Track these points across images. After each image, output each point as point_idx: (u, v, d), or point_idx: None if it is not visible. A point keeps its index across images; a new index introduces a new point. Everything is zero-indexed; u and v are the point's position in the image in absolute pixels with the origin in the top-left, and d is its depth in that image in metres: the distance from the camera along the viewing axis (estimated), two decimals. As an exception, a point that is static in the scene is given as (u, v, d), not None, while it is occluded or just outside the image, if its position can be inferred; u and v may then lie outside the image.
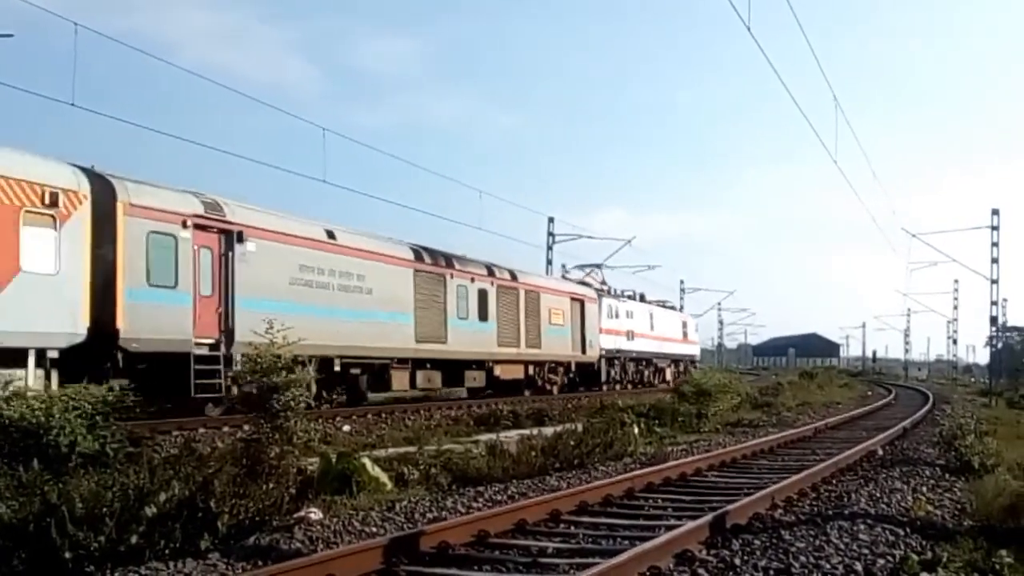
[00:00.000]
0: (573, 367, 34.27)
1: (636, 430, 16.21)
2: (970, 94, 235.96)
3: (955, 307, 75.54)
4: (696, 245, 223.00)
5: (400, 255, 23.55)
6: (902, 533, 7.73)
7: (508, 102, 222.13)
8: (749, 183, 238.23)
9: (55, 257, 14.22)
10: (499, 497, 9.74)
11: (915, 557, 6.60)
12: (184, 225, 16.57)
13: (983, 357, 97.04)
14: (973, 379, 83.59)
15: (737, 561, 6.54)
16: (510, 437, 14.20)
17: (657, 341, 44.89)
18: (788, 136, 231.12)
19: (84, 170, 15.15)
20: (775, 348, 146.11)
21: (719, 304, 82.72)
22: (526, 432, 14.96)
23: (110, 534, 6.43)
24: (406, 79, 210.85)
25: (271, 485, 8.09)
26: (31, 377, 13.54)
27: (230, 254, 17.55)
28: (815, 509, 9.02)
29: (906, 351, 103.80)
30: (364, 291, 21.59)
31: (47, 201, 14.10)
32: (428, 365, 24.42)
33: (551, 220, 45.69)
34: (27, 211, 13.87)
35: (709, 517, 7.75)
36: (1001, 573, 6.25)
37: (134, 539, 6.51)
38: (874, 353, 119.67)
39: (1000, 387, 46.70)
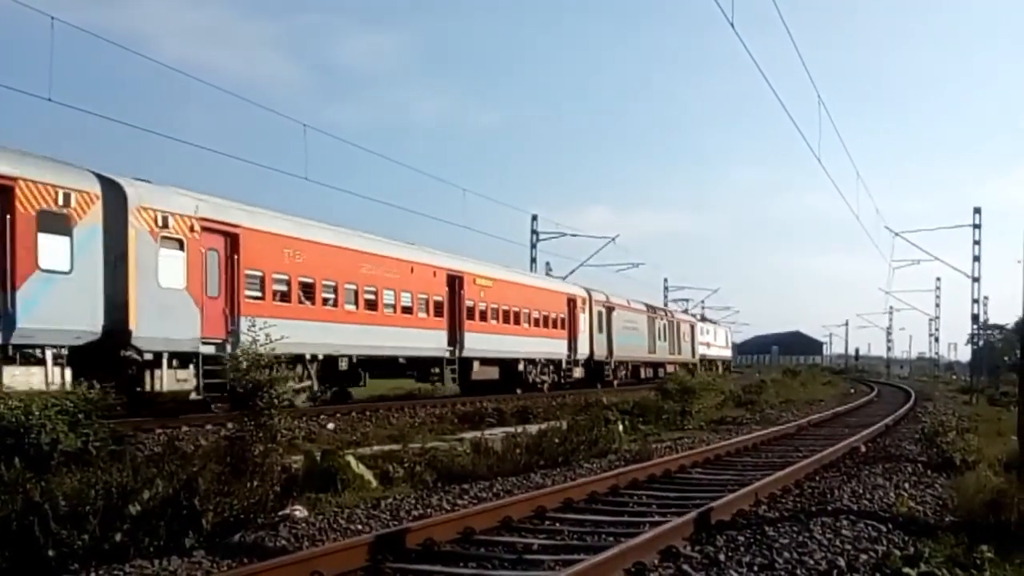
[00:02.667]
0: (690, 367, 52.39)
1: (620, 427, 16.28)
2: (953, 94, 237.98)
3: (937, 305, 76.34)
4: (680, 243, 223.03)
5: (642, 309, 46.46)
6: (884, 529, 7.80)
7: (491, 99, 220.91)
8: (733, 181, 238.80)
9: (590, 327, 38.12)
10: (484, 494, 9.77)
11: (897, 552, 6.68)
12: (602, 305, 39.42)
13: (965, 355, 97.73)
14: (955, 376, 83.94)
15: (721, 557, 6.59)
16: (495, 435, 14.20)
17: (718, 348, 70.88)
18: (772, 135, 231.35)
19: (585, 288, 38.34)
20: (758, 346, 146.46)
21: (703, 302, 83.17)
22: (511, 430, 14.97)
23: (94, 532, 6.41)
24: (387, 75, 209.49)
25: (256, 483, 8.05)
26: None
27: (610, 316, 40.57)
28: (798, 505, 9.09)
29: (888, 349, 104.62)
30: (635, 328, 44.73)
31: (586, 305, 38.03)
32: (647, 364, 46.85)
33: (534, 218, 46.13)
34: (574, 304, 36.81)
35: (694, 514, 7.80)
36: (982, 568, 6.31)
37: (118, 537, 6.49)
38: (857, 351, 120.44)
39: (981, 384, 47.01)
